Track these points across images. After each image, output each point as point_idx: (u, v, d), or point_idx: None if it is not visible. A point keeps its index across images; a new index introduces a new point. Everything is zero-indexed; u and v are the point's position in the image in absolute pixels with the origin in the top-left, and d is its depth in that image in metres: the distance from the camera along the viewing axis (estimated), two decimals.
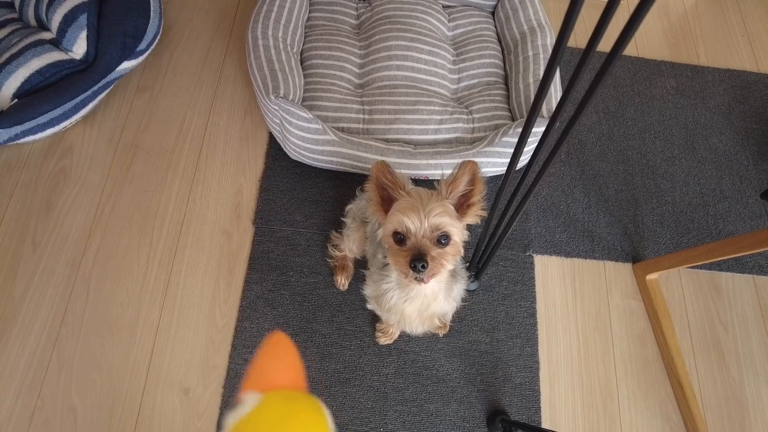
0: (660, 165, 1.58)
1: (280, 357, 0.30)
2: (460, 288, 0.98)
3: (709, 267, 1.44)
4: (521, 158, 0.97)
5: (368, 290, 1.03)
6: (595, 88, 0.66)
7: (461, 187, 0.85)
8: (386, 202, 0.88)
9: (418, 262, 0.77)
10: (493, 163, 1.33)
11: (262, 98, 1.26)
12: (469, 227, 0.90)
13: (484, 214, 0.88)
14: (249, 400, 0.27)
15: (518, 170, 1.27)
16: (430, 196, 0.83)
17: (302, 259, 1.32)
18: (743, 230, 1.50)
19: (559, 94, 1.36)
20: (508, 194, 1.00)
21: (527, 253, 1.40)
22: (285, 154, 1.41)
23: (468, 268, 1.08)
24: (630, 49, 1.78)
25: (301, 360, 0.30)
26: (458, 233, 0.83)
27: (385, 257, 0.94)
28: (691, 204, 1.53)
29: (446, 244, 0.82)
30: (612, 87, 1.70)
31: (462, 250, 0.86)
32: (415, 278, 0.81)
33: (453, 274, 0.95)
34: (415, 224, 0.80)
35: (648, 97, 1.70)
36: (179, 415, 1.16)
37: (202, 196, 1.38)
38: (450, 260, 0.82)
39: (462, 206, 0.86)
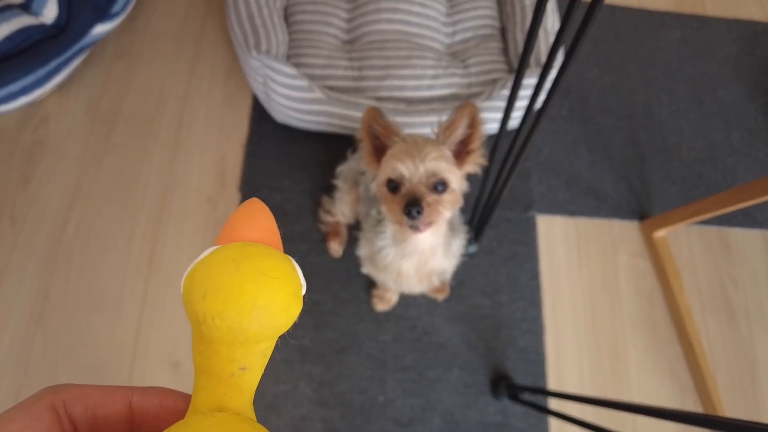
0: (666, 119, 1.51)
1: (252, 217, 0.26)
2: (459, 243, 0.92)
3: (719, 222, 1.38)
4: (515, 113, 0.92)
5: (362, 250, 0.98)
6: (583, 33, 0.59)
7: (459, 131, 0.79)
8: (379, 152, 0.82)
9: (412, 208, 0.71)
10: (493, 119, 1.26)
11: (243, 55, 1.19)
12: (469, 179, 0.84)
13: (485, 161, 0.82)
14: (205, 252, 0.23)
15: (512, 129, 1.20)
16: (425, 141, 0.77)
17: (293, 227, 1.27)
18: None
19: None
20: (505, 148, 0.93)
21: (529, 214, 1.34)
22: (270, 117, 1.33)
23: (468, 223, 1.02)
24: (632, 0, 1.69)
25: (276, 225, 0.27)
26: (456, 180, 0.77)
27: (380, 213, 0.89)
28: (699, 159, 1.47)
29: (443, 191, 0.76)
30: (614, 40, 1.62)
31: (461, 200, 0.80)
32: (410, 226, 0.75)
33: (451, 228, 0.89)
34: (409, 169, 0.74)
35: (652, 49, 1.62)
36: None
37: (185, 164, 1.32)
38: (448, 208, 0.77)
39: (461, 153, 0.80)
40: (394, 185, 0.76)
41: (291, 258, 0.25)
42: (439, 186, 0.75)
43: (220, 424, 0.22)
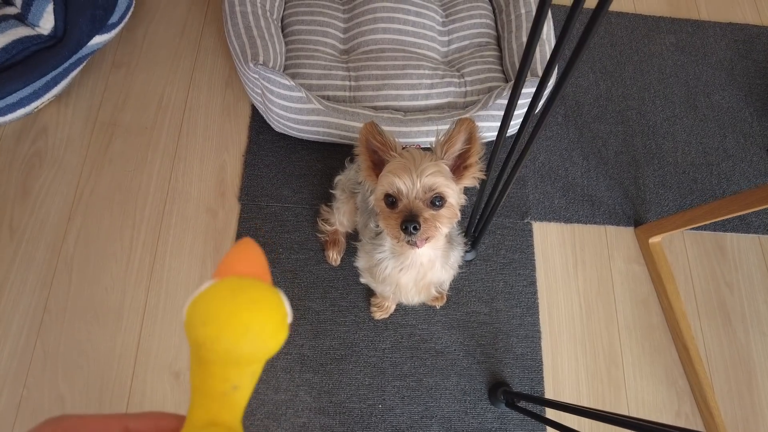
0: (660, 124, 1.53)
1: (245, 253, 0.29)
2: (457, 255, 0.93)
3: (713, 228, 1.39)
4: (513, 121, 0.93)
5: (361, 262, 0.99)
6: (583, 45, 0.60)
7: (457, 146, 0.79)
8: (377, 166, 0.83)
9: (409, 224, 0.72)
10: (488, 127, 1.27)
11: (241, 67, 1.20)
12: (466, 192, 0.85)
13: (483, 176, 0.83)
14: (205, 284, 0.27)
15: (511, 135, 1.21)
16: (423, 156, 0.78)
17: (292, 236, 1.27)
18: (748, 189, 1.45)
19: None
20: (502, 158, 0.94)
21: (525, 221, 1.35)
22: (269, 126, 1.34)
23: (465, 236, 1.03)
24: (627, 5, 1.70)
25: (266, 261, 0.30)
26: (454, 195, 0.78)
27: (378, 225, 0.89)
28: (694, 164, 1.48)
29: (441, 206, 0.77)
30: (609, 45, 1.63)
31: (459, 214, 0.81)
32: (407, 242, 0.76)
33: (449, 240, 0.90)
34: (407, 185, 0.75)
35: (647, 54, 1.63)
36: (170, 399, 1.12)
37: (184, 174, 1.32)
38: (445, 223, 0.77)
39: (459, 168, 0.81)
40: (391, 200, 0.77)
41: (279, 290, 0.28)
42: (437, 201, 0.76)
43: None
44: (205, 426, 0.26)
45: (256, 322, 0.25)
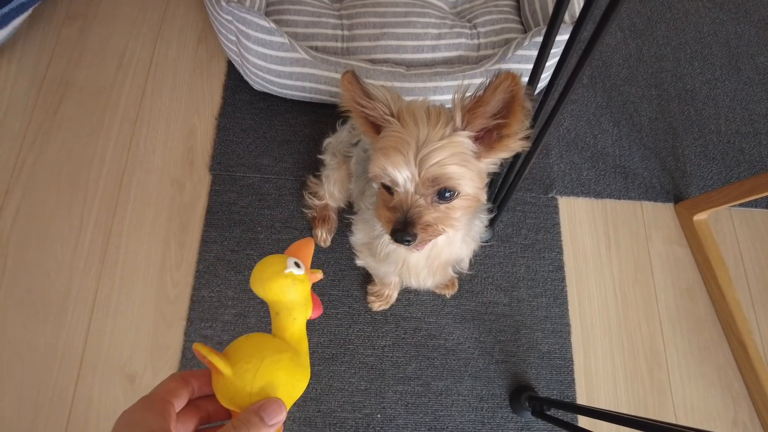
0: (700, 89, 1.33)
1: (300, 243, 0.40)
2: (480, 225, 0.73)
3: (766, 204, 1.20)
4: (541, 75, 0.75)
5: (358, 236, 0.79)
6: None
7: (491, 107, 0.54)
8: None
9: (399, 235, 0.53)
10: None
11: (212, 10, 0.99)
12: None
13: (527, 145, 0.57)
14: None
15: (536, 94, 1.02)
16: (433, 124, 0.54)
17: (272, 212, 1.07)
18: None
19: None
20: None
21: (550, 195, 1.15)
22: (247, 85, 1.14)
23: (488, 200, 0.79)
24: None
25: (310, 252, 0.40)
26: (473, 182, 0.56)
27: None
28: (740, 132, 1.29)
29: (451, 198, 0.56)
30: (638, 1, 1.43)
31: (484, 196, 0.60)
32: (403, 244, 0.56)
33: None
34: (403, 175, 0.54)
35: (681, 11, 1.44)
36: (122, 407, 0.91)
37: (146, 140, 1.12)
38: (458, 218, 0.58)
39: (489, 133, 0.57)
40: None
41: (291, 258, 0.38)
42: (446, 192, 0.56)
43: (264, 337, 0.36)
44: (275, 335, 0.37)
45: (257, 271, 0.37)
